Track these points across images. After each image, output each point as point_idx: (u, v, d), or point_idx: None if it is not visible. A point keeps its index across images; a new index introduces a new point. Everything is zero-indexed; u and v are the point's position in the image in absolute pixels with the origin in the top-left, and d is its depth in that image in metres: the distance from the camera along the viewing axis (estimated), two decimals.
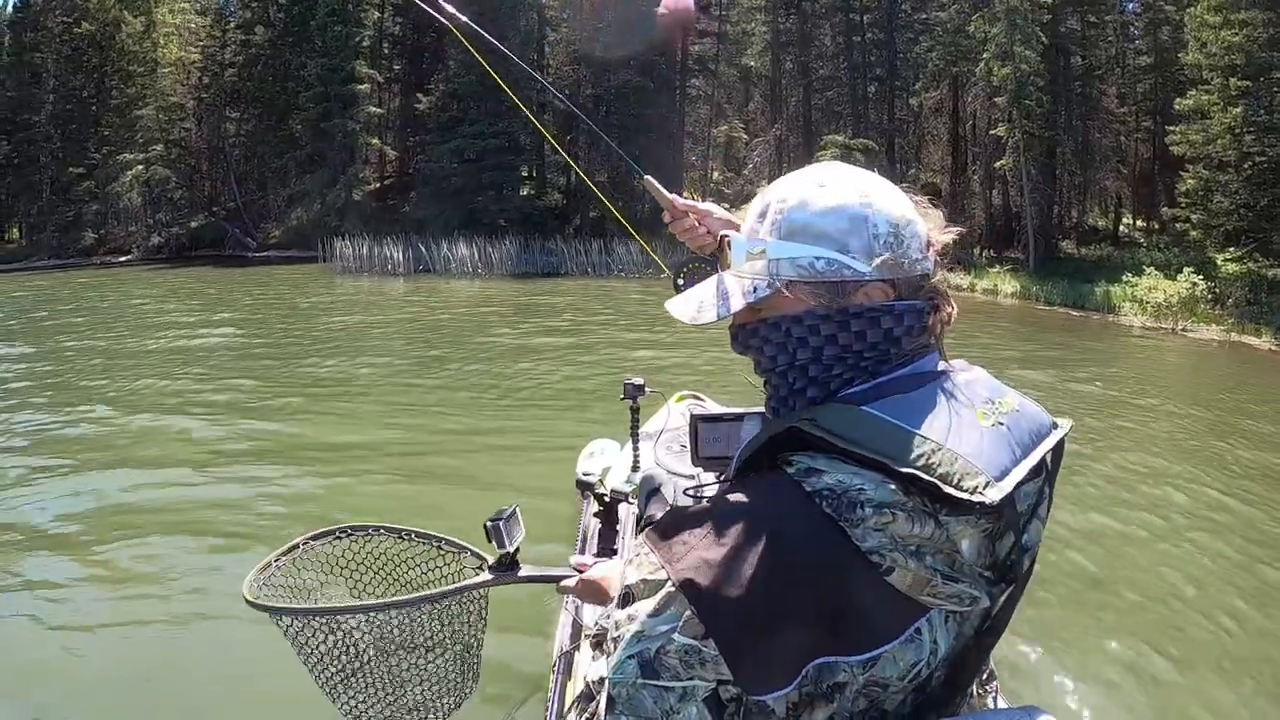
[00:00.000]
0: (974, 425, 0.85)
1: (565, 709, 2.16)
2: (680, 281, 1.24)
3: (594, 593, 1.42)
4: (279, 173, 34.22)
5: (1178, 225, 20.67)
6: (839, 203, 0.90)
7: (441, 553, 1.76)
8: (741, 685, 0.80)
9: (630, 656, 0.82)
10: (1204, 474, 6.19)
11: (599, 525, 3.38)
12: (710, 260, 1.33)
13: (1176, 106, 19.99)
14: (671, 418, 3.60)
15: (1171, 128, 20.41)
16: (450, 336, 13.36)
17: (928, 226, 0.96)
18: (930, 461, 0.80)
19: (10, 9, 45.72)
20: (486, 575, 1.66)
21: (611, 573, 1.40)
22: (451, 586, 1.67)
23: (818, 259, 0.90)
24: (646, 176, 1.57)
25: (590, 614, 2.39)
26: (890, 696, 0.86)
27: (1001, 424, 0.87)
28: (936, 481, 0.79)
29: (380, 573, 1.77)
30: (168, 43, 37.50)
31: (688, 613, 0.80)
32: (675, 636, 0.80)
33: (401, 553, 1.77)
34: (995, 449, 0.84)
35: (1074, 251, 24.65)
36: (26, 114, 40.55)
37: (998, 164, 23.26)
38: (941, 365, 0.95)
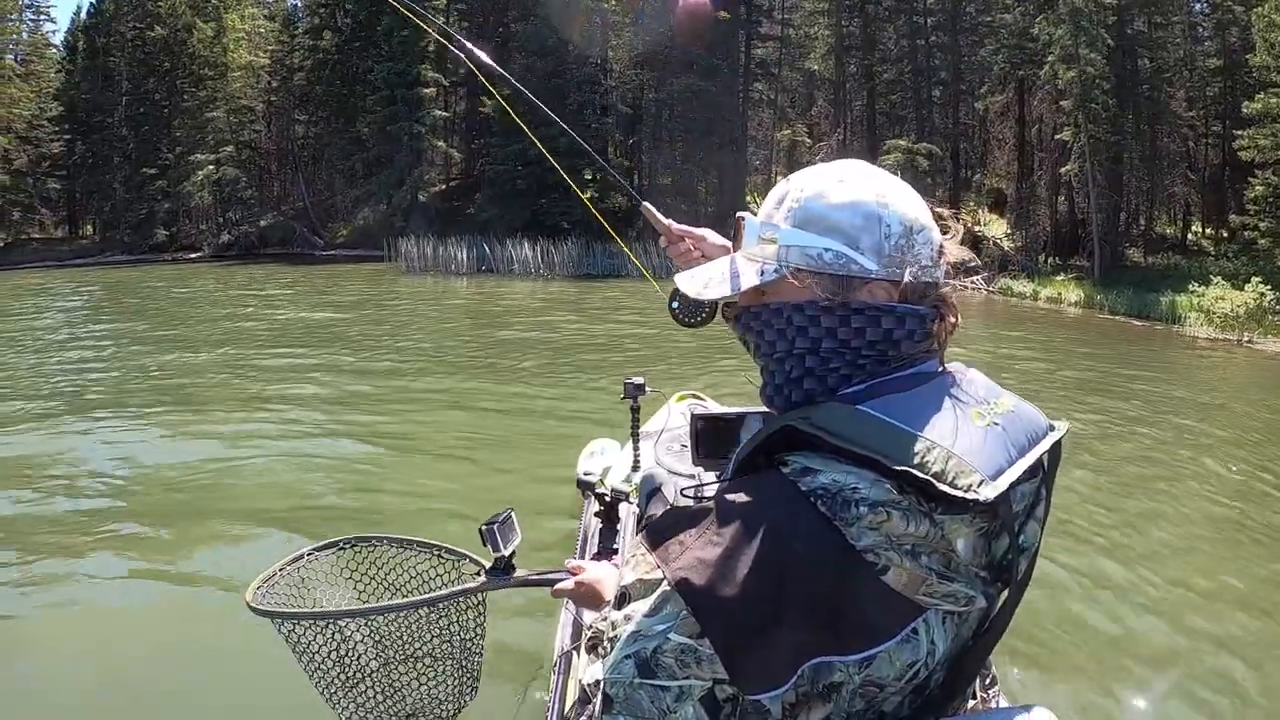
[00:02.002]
0: (969, 425, 0.88)
1: (566, 709, 2.23)
2: (675, 305, 1.27)
3: (588, 596, 1.47)
4: (346, 173, 36.31)
5: (1246, 233, 20.82)
6: (855, 198, 0.94)
7: (441, 560, 1.83)
8: (737, 685, 0.82)
9: (627, 656, 0.84)
10: (1248, 487, 6.14)
11: (599, 525, 3.45)
12: None
13: (1245, 110, 20.26)
14: (672, 417, 3.80)
15: (1239, 132, 20.68)
16: (499, 332, 14.30)
17: (943, 237, 1.00)
18: (925, 460, 0.83)
19: (84, 14, 48.84)
20: (482, 579, 1.71)
21: (605, 575, 1.45)
22: (446, 591, 1.74)
23: (826, 250, 0.93)
24: (644, 204, 1.71)
25: (590, 615, 2.54)
26: (888, 698, 0.88)
27: (997, 424, 0.90)
28: (930, 479, 0.82)
29: (383, 581, 1.85)
30: (237, 47, 39.86)
31: (683, 612, 0.82)
32: (671, 636, 0.83)
33: (404, 562, 1.85)
34: (990, 448, 0.87)
35: (1140, 260, 24.80)
36: (101, 115, 43.47)
37: (1063, 169, 23.56)
38: (939, 369, 0.98)
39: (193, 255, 37.11)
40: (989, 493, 0.82)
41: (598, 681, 0.96)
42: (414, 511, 5.21)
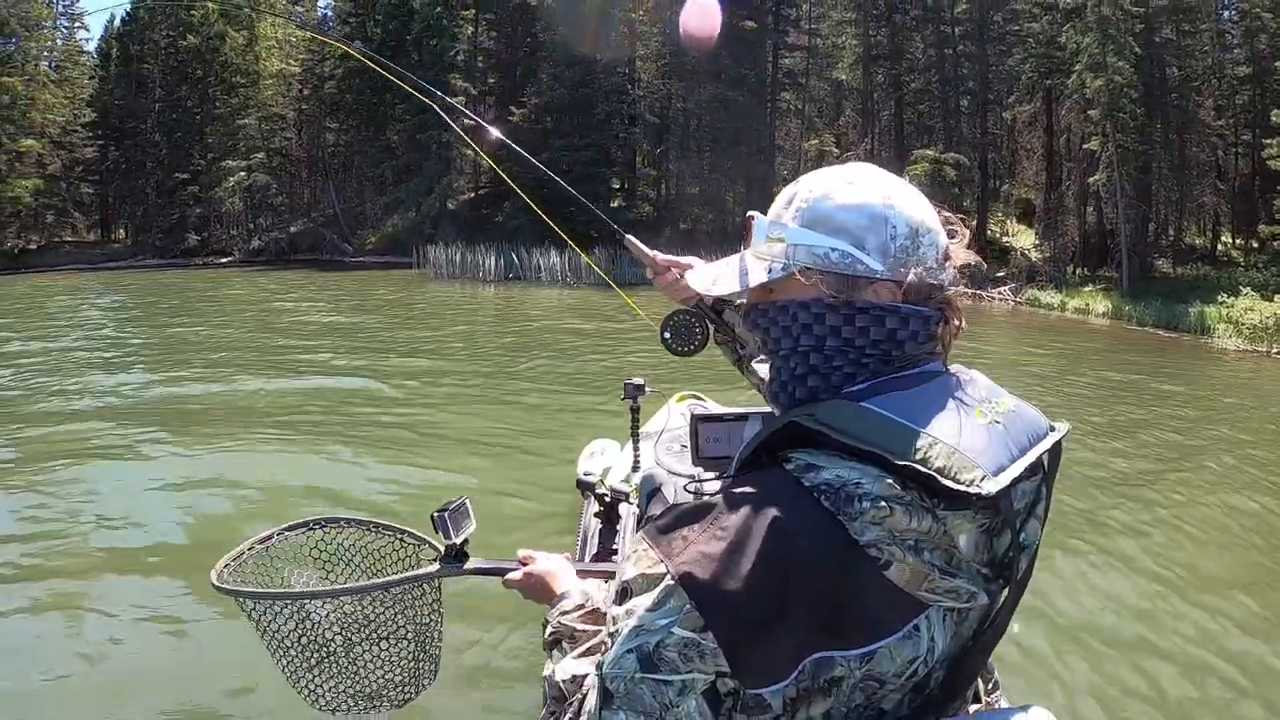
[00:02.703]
0: (971, 422, 0.90)
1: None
2: (667, 335, 1.28)
3: (536, 588, 1.45)
4: (376, 181, 37.12)
5: (1276, 243, 20.98)
6: (862, 200, 0.97)
7: (403, 544, 1.87)
8: (740, 679, 0.83)
9: (629, 651, 0.85)
10: (1270, 496, 6.13)
11: (599, 525, 3.49)
12: (695, 311, 1.40)
13: (1274, 118, 20.39)
14: (672, 418, 3.84)
15: (1269, 141, 20.85)
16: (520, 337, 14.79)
17: (950, 241, 1.02)
18: (927, 455, 0.85)
19: (118, 22, 50.12)
20: (434, 567, 1.75)
21: (555, 569, 1.44)
22: (399, 575, 1.78)
23: (833, 250, 0.96)
24: (628, 237, 1.73)
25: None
26: (888, 695, 0.90)
27: (998, 422, 0.92)
28: (933, 474, 0.84)
29: (349, 563, 1.90)
30: (269, 56, 40.97)
31: (687, 606, 0.83)
32: (674, 630, 0.84)
33: (369, 544, 1.90)
34: (992, 445, 0.89)
35: (1169, 271, 24.77)
36: (134, 122, 44.72)
37: (1091, 179, 23.61)
38: (942, 370, 1.01)
39: (223, 260, 38.06)
40: (991, 487, 0.85)
41: (574, 677, 1.02)
42: (410, 501, 5.24)
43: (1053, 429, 0.99)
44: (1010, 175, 31.41)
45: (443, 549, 1.75)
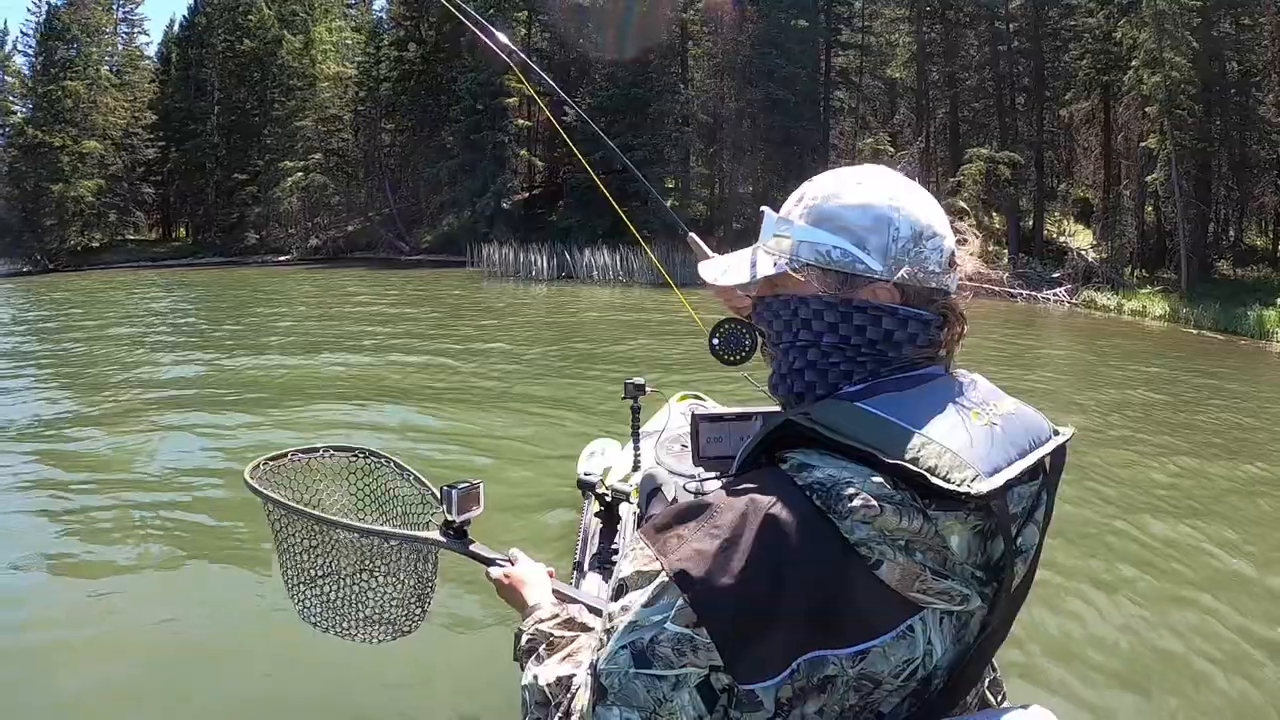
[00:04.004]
0: (967, 423, 0.92)
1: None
2: (715, 342, 1.31)
3: (509, 591, 1.50)
4: (431, 181, 38.42)
5: None
6: (868, 200, 1.00)
7: (426, 503, 1.96)
8: (733, 674, 0.85)
9: (623, 647, 0.87)
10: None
11: (599, 525, 3.55)
12: (745, 322, 1.40)
13: None
14: (672, 418, 3.85)
15: None
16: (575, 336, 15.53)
17: (958, 247, 1.04)
18: (919, 455, 0.87)
19: (177, 28, 52.16)
20: (436, 535, 1.82)
21: (529, 578, 1.49)
22: (405, 531, 1.88)
23: (835, 248, 0.99)
24: (691, 234, 1.79)
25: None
26: (885, 697, 0.91)
27: (995, 424, 0.94)
28: (923, 473, 0.85)
29: (376, 500, 2.00)
30: (325, 59, 42.57)
31: (680, 601, 0.85)
32: (668, 625, 0.85)
33: (399, 489, 1.99)
34: (987, 447, 0.90)
35: (1229, 273, 24.40)
36: (193, 124, 46.74)
37: (1149, 178, 23.50)
38: (942, 373, 1.02)
39: (281, 258, 39.71)
40: (982, 487, 0.86)
41: (559, 679, 1.06)
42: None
43: (1056, 433, 1.00)
44: (1068, 174, 31.20)
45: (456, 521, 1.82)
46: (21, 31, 49.91)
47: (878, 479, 0.86)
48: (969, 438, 0.90)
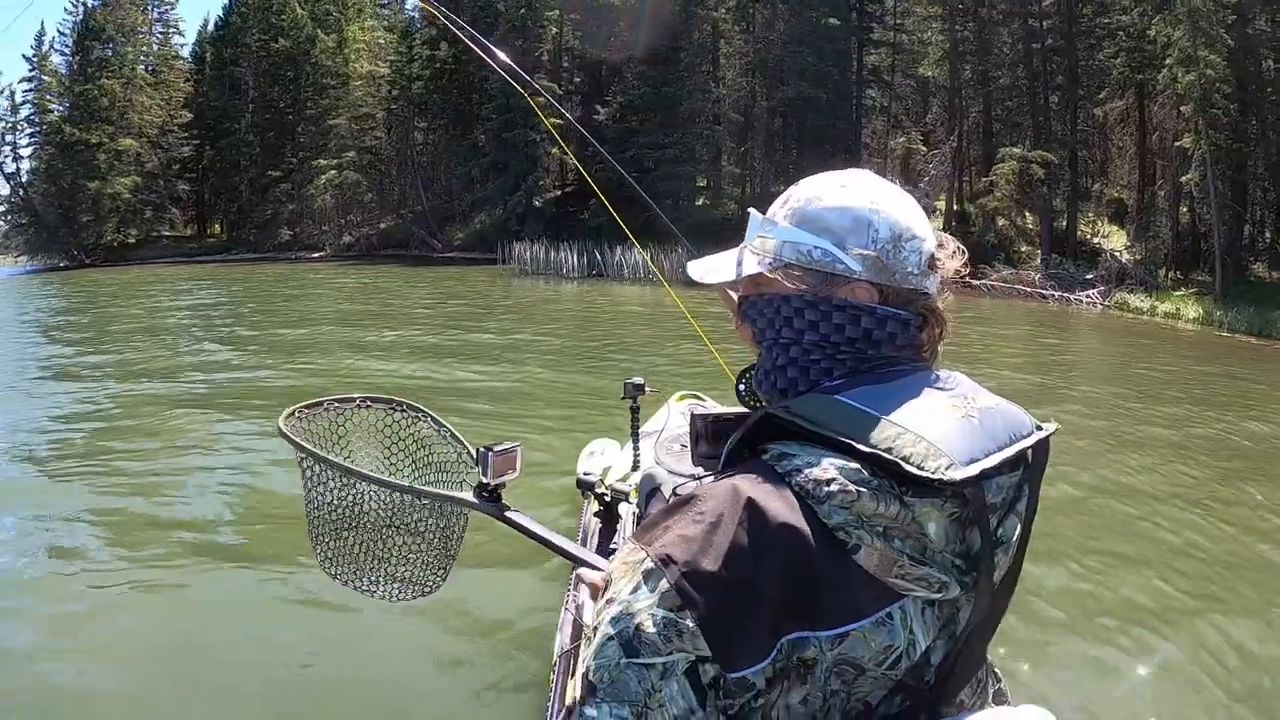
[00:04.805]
0: (944, 415, 0.95)
1: (566, 708, 2.31)
2: (741, 388, 1.29)
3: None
4: (463, 179, 39.16)
5: None
6: (849, 203, 1.03)
7: (461, 461, 1.96)
8: (718, 659, 0.86)
9: (610, 638, 0.88)
10: None
11: (599, 525, 3.55)
12: None
13: None
14: (671, 417, 3.89)
15: None
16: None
17: (936, 248, 1.07)
18: (895, 444, 0.90)
19: (212, 27, 53.30)
20: (469, 496, 1.82)
21: None
22: (439, 491, 1.88)
23: (816, 248, 1.03)
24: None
25: (590, 614, 2.08)
26: (871, 687, 0.93)
27: (973, 417, 0.96)
28: (898, 461, 0.88)
29: (410, 455, 1.99)
30: (358, 58, 43.39)
31: (664, 583, 0.87)
32: (654, 610, 0.86)
33: (434, 446, 1.99)
34: (964, 438, 0.93)
35: (1265, 275, 23.98)
36: (228, 122, 47.81)
37: (1183, 179, 23.34)
38: (922, 369, 1.05)
39: (315, 255, 40.63)
40: (956, 474, 0.88)
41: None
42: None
43: (1039, 428, 1.02)
44: (1102, 174, 30.93)
45: (492, 484, 1.81)
46: (59, 31, 51.19)
47: (854, 465, 0.89)
48: (945, 428, 0.93)
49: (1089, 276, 24.52)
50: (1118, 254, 25.74)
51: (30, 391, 9.49)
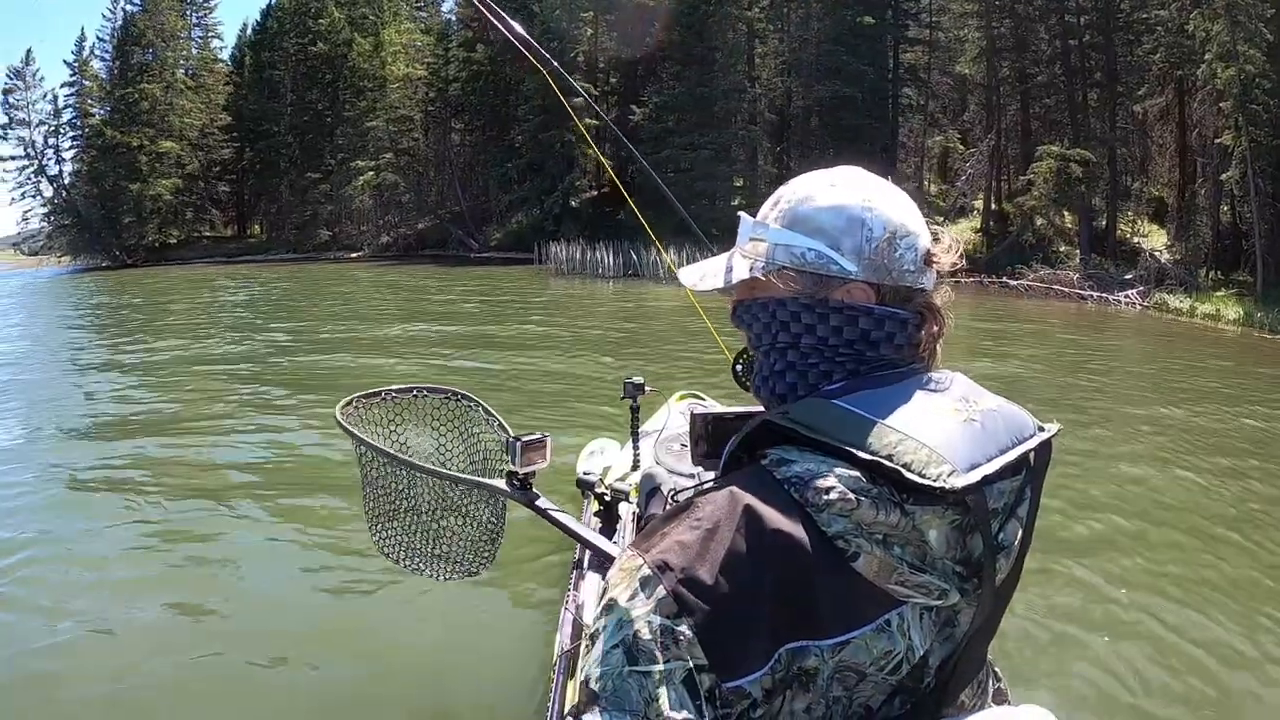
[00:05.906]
0: (945, 419, 0.93)
1: (566, 709, 2.31)
2: (739, 368, 1.27)
3: None
4: (500, 179, 39.94)
5: None
6: (841, 202, 1.01)
7: (507, 449, 2.01)
8: (716, 670, 0.84)
9: (614, 646, 0.86)
10: None
11: (599, 525, 3.56)
12: None
13: None
14: (672, 417, 3.88)
15: None
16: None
17: (931, 243, 1.05)
18: (895, 451, 0.88)
19: (250, 32, 54.54)
20: (501, 484, 1.88)
21: None
22: (473, 477, 2.00)
23: (809, 250, 1.01)
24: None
25: (591, 615, 2.22)
26: (872, 691, 0.92)
27: (974, 420, 0.95)
28: (899, 469, 0.87)
29: (463, 442, 2.09)
30: (395, 61, 44.35)
31: (660, 590, 0.85)
32: (652, 617, 0.85)
33: (485, 435, 2.09)
34: (965, 443, 0.92)
35: None
36: (267, 124, 48.98)
37: (1223, 176, 23.17)
38: (922, 370, 1.03)
39: (353, 255, 41.67)
40: (957, 481, 0.87)
41: None
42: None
43: (1041, 429, 1.01)
44: (1142, 172, 30.78)
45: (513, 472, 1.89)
46: (98, 37, 52.50)
47: (854, 473, 0.88)
48: (947, 433, 0.92)
49: (1128, 277, 24.38)
50: (1157, 254, 25.65)
51: (100, 379, 10.53)
